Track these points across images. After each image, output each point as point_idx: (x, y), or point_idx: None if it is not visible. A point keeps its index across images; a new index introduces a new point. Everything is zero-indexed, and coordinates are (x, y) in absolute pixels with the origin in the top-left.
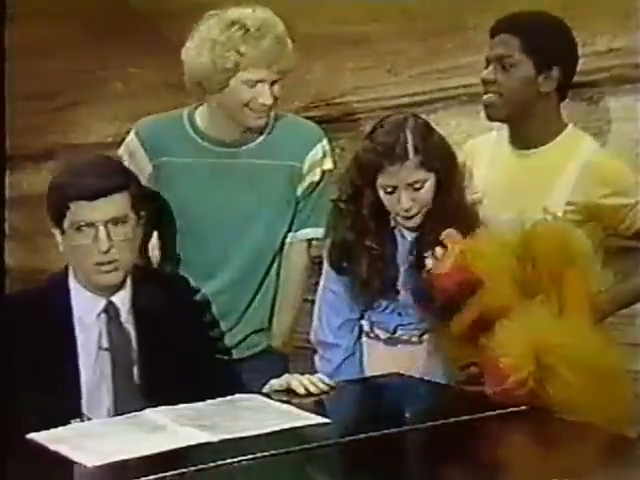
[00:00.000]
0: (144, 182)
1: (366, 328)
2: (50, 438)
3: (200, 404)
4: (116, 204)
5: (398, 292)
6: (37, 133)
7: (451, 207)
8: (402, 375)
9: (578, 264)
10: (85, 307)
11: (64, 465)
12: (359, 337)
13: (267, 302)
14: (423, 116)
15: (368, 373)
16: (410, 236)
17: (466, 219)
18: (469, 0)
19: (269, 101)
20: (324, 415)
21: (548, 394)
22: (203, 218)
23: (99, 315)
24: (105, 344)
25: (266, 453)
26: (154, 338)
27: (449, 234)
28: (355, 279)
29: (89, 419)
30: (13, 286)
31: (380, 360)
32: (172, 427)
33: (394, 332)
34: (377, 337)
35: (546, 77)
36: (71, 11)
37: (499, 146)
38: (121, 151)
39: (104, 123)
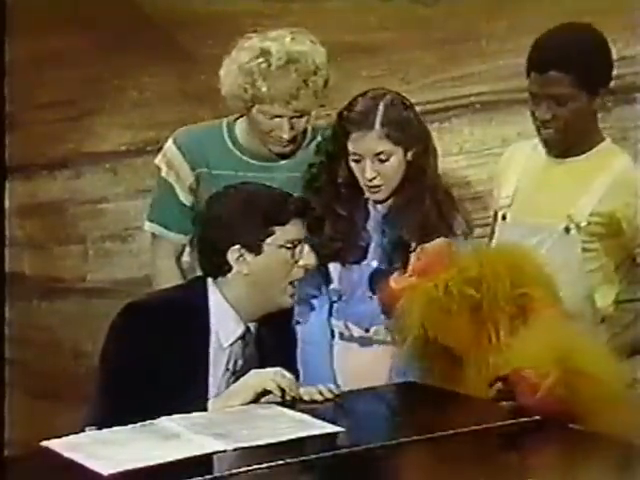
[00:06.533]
0: (185, 192)
1: (341, 328)
2: (65, 446)
3: (215, 412)
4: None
5: (366, 257)
6: (53, 142)
7: (423, 188)
8: (416, 383)
9: (538, 283)
10: (226, 330)
11: (78, 473)
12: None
13: None
14: (436, 124)
15: (339, 375)
16: (381, 209)
17: (441, 203)
18: (482, 9)
19: (286, 136)
20: (338, 424)
21: (578, 397)
22: None
23: (236, 340)
24: (234, 367)
25: (280, 462)
26: (267, 361)
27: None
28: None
29: None
30: (30, 294)
31: (352, 360)
32: (186, 435)
33: (367, 330)
34: (351, 336)
35: (597, 99)
36: (87, 20)
37: (537, 153)
38: (158, 161)
39: (119, 131)
